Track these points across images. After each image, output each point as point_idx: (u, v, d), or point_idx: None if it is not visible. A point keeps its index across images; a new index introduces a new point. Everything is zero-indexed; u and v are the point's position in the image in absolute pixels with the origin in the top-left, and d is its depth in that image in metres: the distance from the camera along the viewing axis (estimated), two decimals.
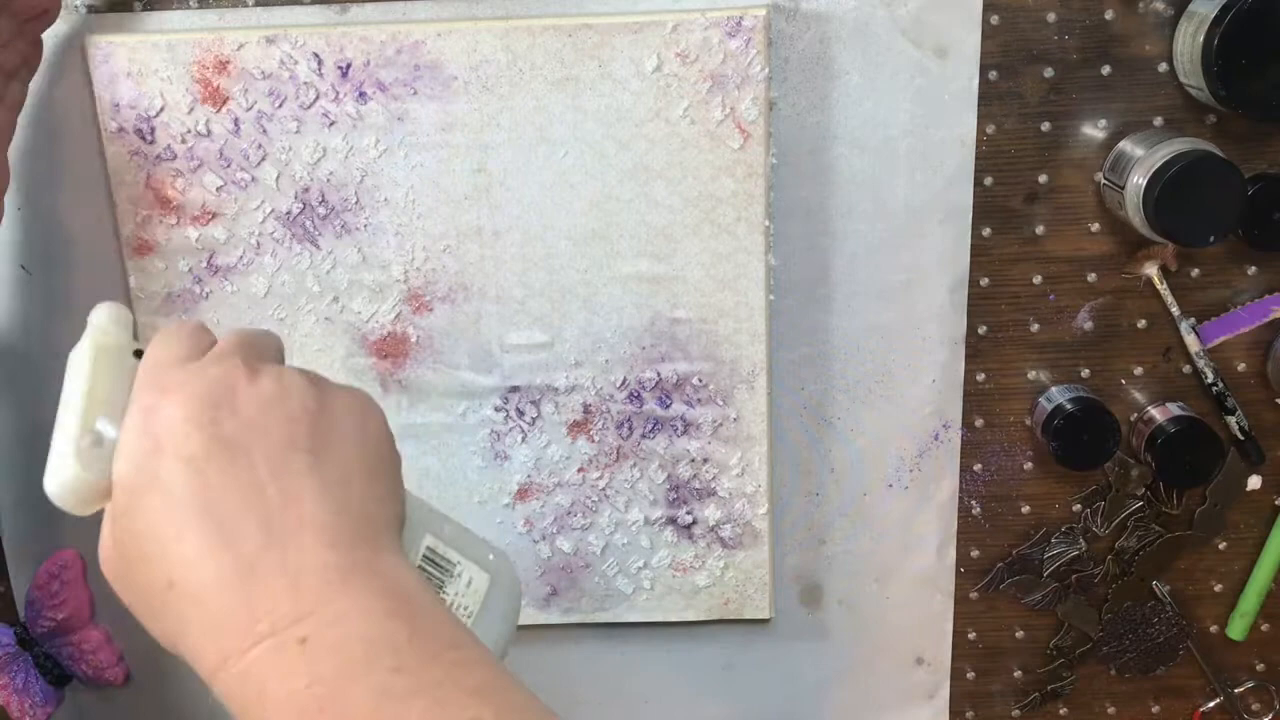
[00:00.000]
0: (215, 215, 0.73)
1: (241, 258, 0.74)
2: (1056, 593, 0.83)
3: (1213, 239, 0.69)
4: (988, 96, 0.73)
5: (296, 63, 0.70)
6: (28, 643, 0.84)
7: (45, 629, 0.83)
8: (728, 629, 0.83)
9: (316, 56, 0.70)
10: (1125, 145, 0.72)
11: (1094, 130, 0.73)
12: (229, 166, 0.72)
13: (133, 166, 0.72)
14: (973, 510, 0.81)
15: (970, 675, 0.85)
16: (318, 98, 0.71)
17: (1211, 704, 0.85)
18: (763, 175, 0.72)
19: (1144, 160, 0.69)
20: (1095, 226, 0.75)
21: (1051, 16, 0.71)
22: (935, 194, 0.74)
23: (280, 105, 0.71)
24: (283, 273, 0.74)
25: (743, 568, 0.80)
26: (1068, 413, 0.75)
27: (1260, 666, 0.85)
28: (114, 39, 0.70)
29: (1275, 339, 0.77)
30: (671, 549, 0.79)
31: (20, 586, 0.84)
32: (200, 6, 0.72)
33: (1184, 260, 0.76)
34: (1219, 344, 0.77)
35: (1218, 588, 0.83)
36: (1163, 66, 0.72)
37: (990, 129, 0.74)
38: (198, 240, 0.73)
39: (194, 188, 0.72)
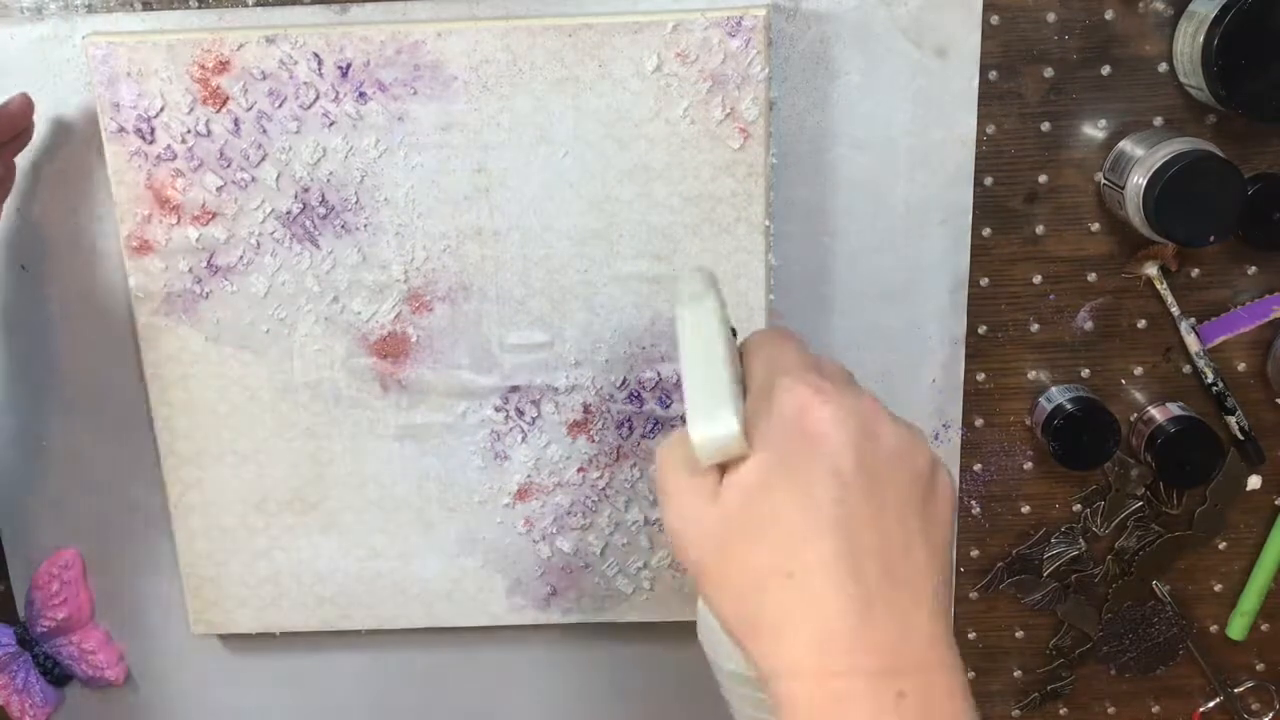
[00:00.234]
0: (215, 215, 0.73)
1: (241, 258, 0.74)
2: (1056, 593, 0.83)
3: (1213, 239, 0.69)
4: (988, 96, 0.73)
5: (296, 63, 0.70)
6: (28, 643, 0.84)
7: (45, 629, 0.83)
8: None
9: (316, 56, 0.70)
10: (1125, 145, 0.72)
11: (1094, 130, 0.73)
12: (229, 166, 0.72)
13: (133, 166, 0.72)
14: (973, 510, 0.81)
15: (970, 675, 0.85)
16: (318, 98, 0.71)
17: (1211, 704, 0.85)
18: (763, 175, 0.72)
19: (1144, 160, 0.69)
20: (1095, 226, 0.75)
21: (1051, 16, 0.71)
22: (935, 194, 0.74)
23: (280, 105, 0.71)
24: (283, 272, 0.74)
25: None
26: (1068, 413, 0.75)
27: (1260, 666, 0.85)
28: (114, 39, 0.70)
29: (1275, 339, 0.77)
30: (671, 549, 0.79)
31: (20, 586, 0.84)
32: (200, 6, 0.72)
33: (1184, 260, 0.76)
34: (1219, 344, 0.77)
35: (1218, 588, 0.83)
36: (1163, 66, 0.72)
37: (990, 129, 0.73)
38: (198, 240, 0.73)
39: (194, 188, 0.72)
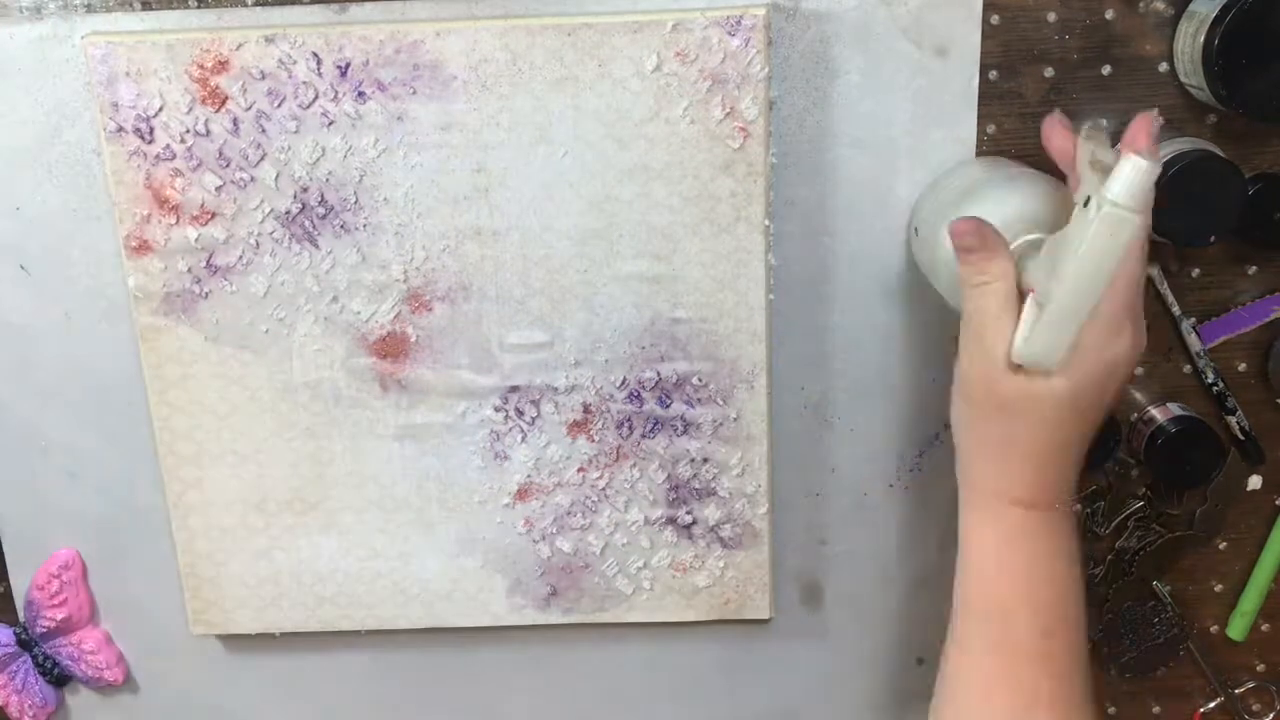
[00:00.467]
0: (214, 215, 0.73)
1: (241, 257, 0.74)
2: None
3: (1213, 239, 0.69)
4: (988, 96, 0.73)
5: (295, 62, 0.70)
6: (28, 643, 0.84)
7: (45, 629, 0.83)
8: (728, 629, 0.83)
9: (315, 56, 0.70)
10: None
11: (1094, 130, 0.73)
12: (228, 166, 0.72)
13: (132, 166, 0.72)
14: None
15: None
16: (317, 97, 0.71)
17: (1212, 704, 0.85)
18: (762, 174, 0.72)
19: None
20: None
21: (1051, 16, 0.71)
22: None
23: (279, 105, 0.71)
24: (282, 272, 0.74)
25: (743, 568, 0.80)
26: None
27: (1260, 666, 0.85)
28: (114, 39, 0.70)
29: (1275, 339, 0.77)
30: (671, 549, 0.79)
31: (20, 586, 0.84)
32: (199, 6, 0.72)
33: (1184, 260, 0.76)
34: (1219, 344, 0.77)
35: (1218, 588, 0.83)
36: (1163, 66, 0.72)
37: (990, 129, 0.73)
38: (197, 240, 0.73)
39: (193, 188, 0.72)
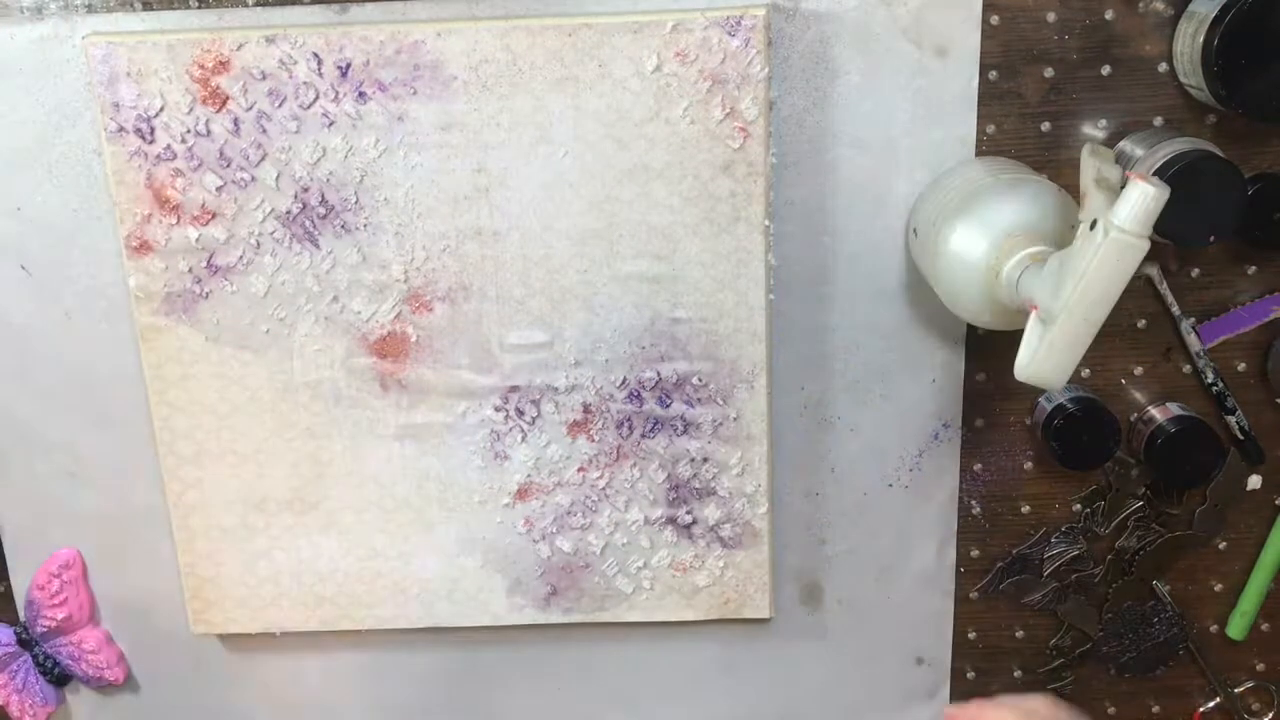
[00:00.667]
0: (215, 215, 0.73)
1: (241, 257, 0.74)
2: (1056, 593, 0.83)
3: (1213, 239, 0.69)
4: (988, 96, 0.73)
5: (296, 63, 0.70)
6: (28, 643, 0.84)
7: (45, 629, 0.83)
8: (728, 629, 0.83)
9: (316, 56, 0.70)
10: (1125, 145, 0.72)
11: (1094, 130, 0.73)
12: (229, 166, 0.72)
13: (132, 166, 0.72)
14: (973, 510, 0.81)
15: (970, 675, 0.85)
16: (317, 98, 0.71)
17: (1211, 704, 0.85)
18: (762, 175, 0.72)
19: (1144, 160, 0.69)
20: None
21: (1051, 16, 0.71)
22: None
23: (280, 105, 0.71)
24: (282, 272, 0.74)
25: (742, 567, 0.80)
26: (1068, 413, 0.75)
27: (1260, 666, 0.85)
28: (114, 39, 0.70)
29: (1275, 339, 0.77)
30: (671, 549, 0.79)
31: (20, 586, 0.84)
32: (200, 6, 0.72)
33: (1184, 260, 0.76)
34: (1219, 344, 0.77)
35: (1218, 588, 0.83)
36: (1163, 66, 0.72)
37: (990, 129, 0.73)
38: (198, 240, 0.73)
39: (194, 188, 0.72)
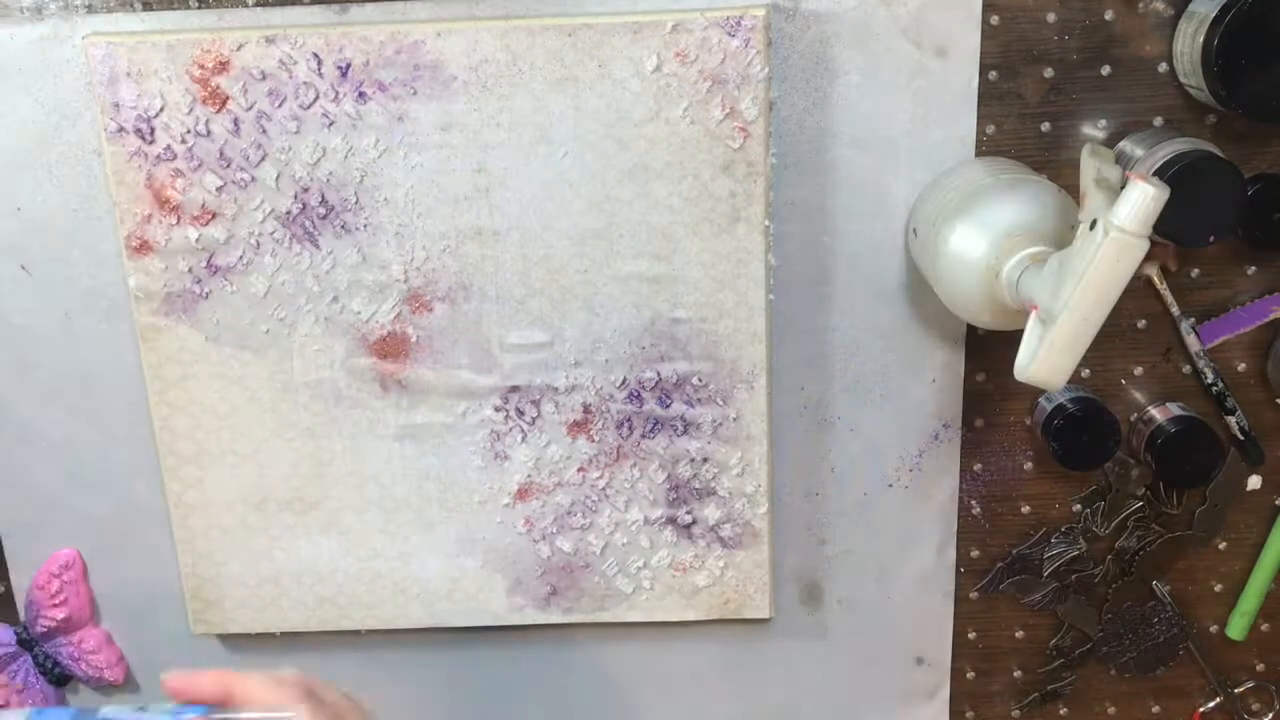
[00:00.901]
0: (215, 215, 0.73)
1: (241, 258, 0.74)
2: (1056, 593, 0.83)
3: (1213, 239, 0.69)
4: (988, 96, 0.73)
5: (296, 63, 0.70)
6: (28, 643, 0.84)
7: (45, 629, 0.83)
8: (728, 629, 0.83)
9: (316, 56, 0.70)
10: (1125, 145, 0.72)
11: (1094, 130, 0.73)
12: (229, 166, 0.72)
13: (132, 166, 0.72)
14: (973, 510, 0.81)
15: (970, 675, 0.85)
16: (317, 98, 0.71)
17: (1211, 704, 0.85)
18: (762, 175, 0.72)
19: (1144, 160, 0.69)
20: None
21: (1051, 16, 0.71)
22: None
23: (280, 105, 0.71)
24: (283, 273, 0.74)
25: (743, 567, 0.80)
26: (1068, 413, 0.75)
27: (1260, 666, 0.85)
28: (114, 39, 0.70)
29: (1275, 339, 0.77)
30: (671, 549, 0.79)
31: (20, 586, 0.84)
32: (200, 6, 0.72)
33: (1184, 260, 0.76)
34: (1219, 344, 0.77)
35: (1218, 588, 0.83)
36: (1163, 66, 0.72)
37: (990, 129, 0.73)
38: (198, 240, 0.73)
39: (194, 188, 0.72)
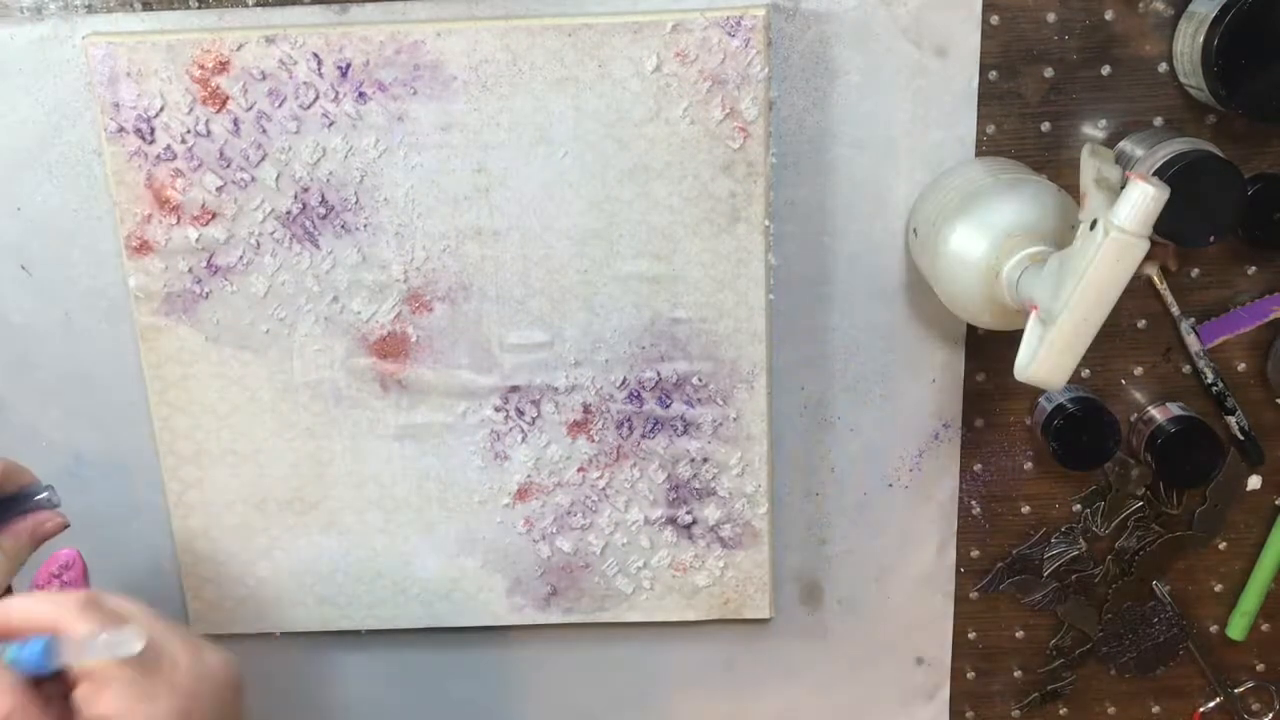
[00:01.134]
0: (215, 215, 0.73)
1: (241, 258, 0.74)
2: (1056, 593, 0.83)
3: (1213, 239, 0.69)
4: (988, 96, 0.73)
5: (296, 63, 0.70)
6: None
7: None
8: (728, 629, 0.83)
9: (316, 56, 0.70)
10: (1125, 145, 0.72)
11: (1094, 130, 0.73)
12: (229, 166, 0.72)
13: (133, 166, 0.72)
14: (973, 510, 0.81)
15: (970, 675, 0.85)
16: (317, 98, 0.71)
17: (1211, 704, 0.85)
18: (762, 175, 0.72)
19: (1144, 160, 0.69)
20: None
21: (1051, 16, 0.71)
22: None
23: (280, 105, 0.71)
24: (282, 273, 0.74)
25: (743, 567, 0.80)
26: (1068, 413, 0.75)
27: (1260, 666, 0.85)
28: (114, 39, 0.70)
29: (1275, 339, 0.77)
30: (671, 549, 0.79)
31: (21, 587, 0.84)
32: (200, 6, 0.72)
33: (1184, 260, 0.76)
34: (1219, 344, 0.77)
35: (1218, 588, 0.83)
36: (1163, 66, 0.72)
37: (990, 129, 0.73)
38: (198, 240, 0.73)
39: (194, 188, 0.72)
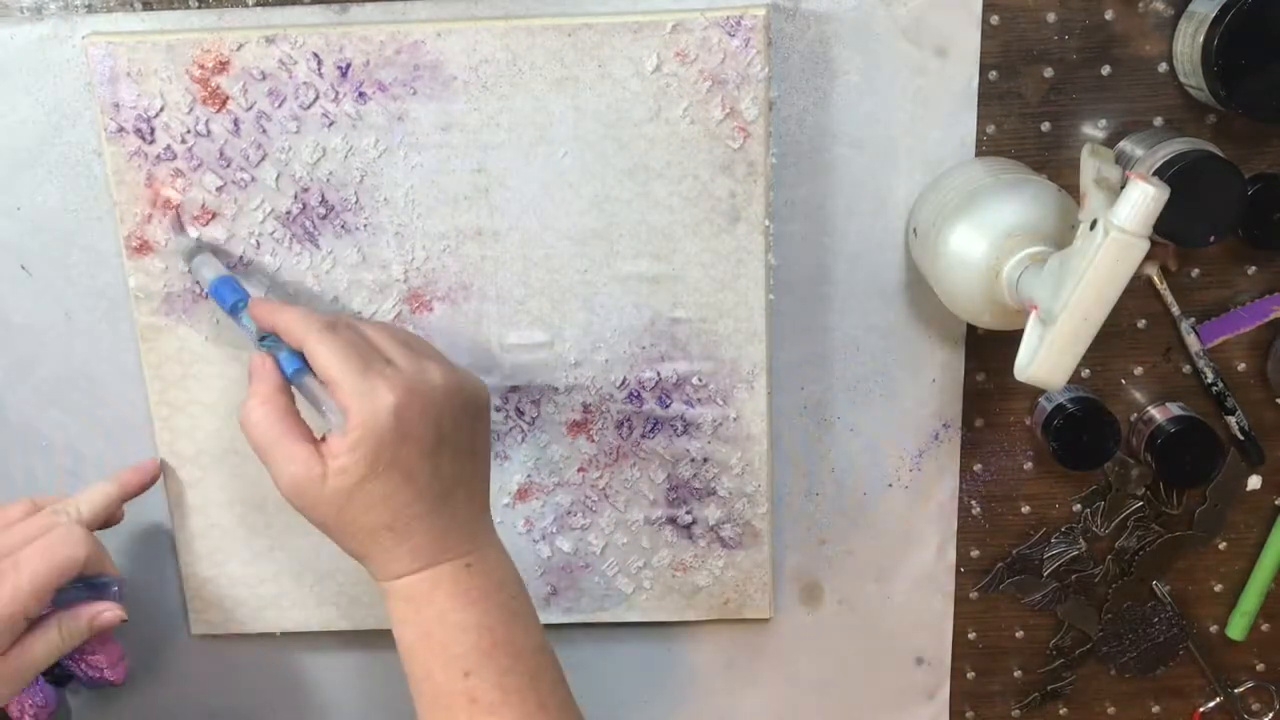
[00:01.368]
0: (215, 215, 0.73)
1: (242, 258, 0.74)
2: (1056, 593, 0.83)
3: (1213, 239, 0.69)
4: (988, 96, 0.73)
5: (296, 63, 0.70)
6: None
7: None
8: (728, 629, 0.83)
9: (316, 56, 0.70)
10: (1125, 145, 0.72)
11: (1094, 130, 0.73)
12: (229, 166, 0.72)
13: (132, 166, 0.72)
14: (973, 510, 0.81)
15: (970, 675, 0.85)
16: (317, 98, 0.71)
17: (1211, 704, 0.85)
18: (762, 175, 0.72)
19: (1144, 160, 0.69)
20: None
21: (1051, 16, 0.71)
22: None
23: (280, 105, 0.71)
24: (283, 273, 0.74)
25: (743, 567, 0.80)
26: (1068, 413, 0.75)
27: (1260, 666, 0.85)
28: (114, 39, 0.70)
29: (1275, 339, 0.77)
30: (671, 549, 0.79)
31: None
32: (200, 6, 0.72)
33: (1184, 260, 0.76)
34: (1219, 344, 0.77)
35: (1218, 588, 0.83)
36: (1163, 66, 0.72)
37: (990, 129, 0.73)
38: (198, 240, 0.73)
39: (194, 188, 0.72)
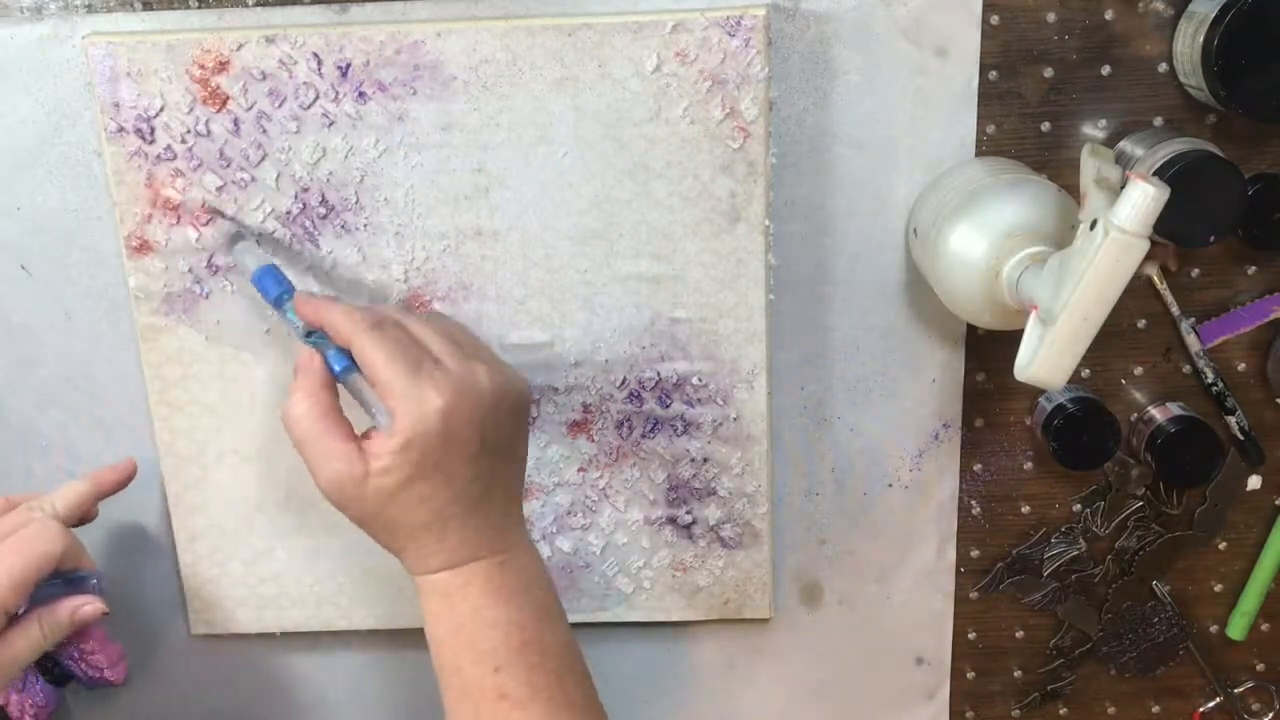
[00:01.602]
0: (215, 215, 0.73)
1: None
2: (1056, 593, 0.83)
3: (1213, 239, 0.69)
4: (988, 96, 0.73)
5: (296, 63, 0.70)
6: None
7: None
8: (728, 629, 0.83)
9: (316, 56, 0.70)
10: (1125, 145, 0.72)
11: (1094, 130, 0.73)
12: (229, 166, 0.72)
13: (133, 166, 0.72)
14: (973, 510, 0.81)
15: (970, 675, 0.85)
16: (317, 98, 0.71)
17: (1211, 704, 0.85)
18: (762, 174, 0.72)
19: (1144, 160, 0.69)
20: None
21: (1051, 16, 0.71)
22: None
23: (280, 105, 0.71)
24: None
25: (743, 567, 0.80)
26: (1068, 413, 0.75)
27: (1260, 666, 0.85)
28: (114, 39, 0.70)
29: (1275, 339, 0.77)
30: (671, 549, 0.79)
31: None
32: (200, 6, 0.72)
33: (1184, 260, 0.76)
34: (1219, 344, 0.77)
35: (1218, 588, 0.83)
36: (1163, 66, 0.72)
37: (990, 129, 0.73)
38: (198, 240, 0.73)
39: (194, 188, 0.72)
